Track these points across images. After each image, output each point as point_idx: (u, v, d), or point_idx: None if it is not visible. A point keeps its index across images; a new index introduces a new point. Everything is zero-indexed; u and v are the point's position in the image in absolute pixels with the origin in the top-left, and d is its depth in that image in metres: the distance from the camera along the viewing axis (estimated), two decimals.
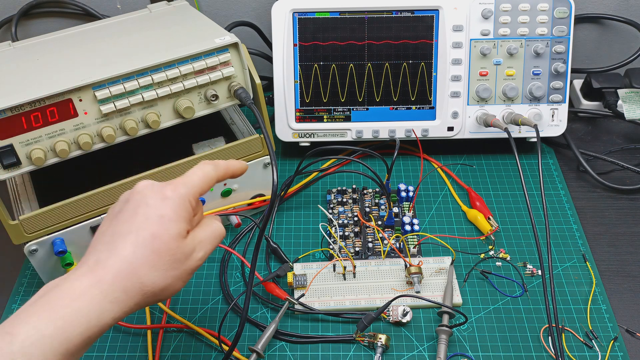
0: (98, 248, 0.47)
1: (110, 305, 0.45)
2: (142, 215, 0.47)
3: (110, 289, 0.45)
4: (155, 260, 0.46)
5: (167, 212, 0.48)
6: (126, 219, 0.48)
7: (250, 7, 0.99)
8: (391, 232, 0.79)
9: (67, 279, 0.45)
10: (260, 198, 0.80)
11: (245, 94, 0.70)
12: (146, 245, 0.46)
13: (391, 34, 0.84)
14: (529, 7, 0.83)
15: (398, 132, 0.87)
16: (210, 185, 0.53)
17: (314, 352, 0.66)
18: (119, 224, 0.48)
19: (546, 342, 0.66)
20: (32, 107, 0.61)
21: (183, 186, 0.50)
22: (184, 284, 0.49)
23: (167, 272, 0.47)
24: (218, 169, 0.54)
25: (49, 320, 0.42)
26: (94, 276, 0.45)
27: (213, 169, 0.53)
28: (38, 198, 0.72)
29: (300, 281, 0.71)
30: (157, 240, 0.47)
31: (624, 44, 1.02)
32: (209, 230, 0.52)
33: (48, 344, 0.41)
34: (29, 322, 0.42)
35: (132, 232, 0.47)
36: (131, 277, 0.45)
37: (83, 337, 0.43)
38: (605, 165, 0.89)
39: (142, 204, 0.48)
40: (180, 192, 0.49)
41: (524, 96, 0.86)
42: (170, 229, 0.47)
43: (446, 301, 0.68)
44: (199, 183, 0.51)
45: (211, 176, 0.53)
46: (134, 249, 0.46)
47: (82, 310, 0.43)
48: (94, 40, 0.76)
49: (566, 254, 0.76)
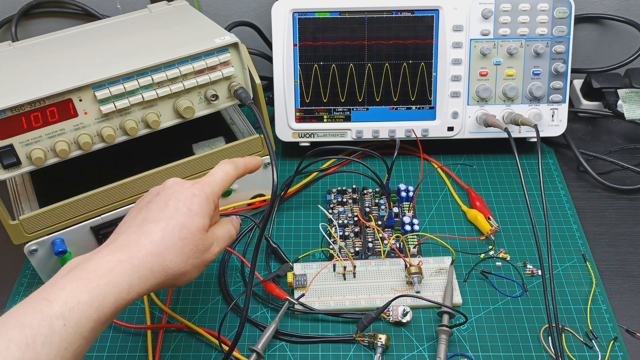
0: (129, 230, 0.52)
1: (138, 281, 0.49)
2: (173, 207, 0.53)
3: (141, 266, 0.49)
4: (181, 247, 0.51)
5: (194, 207, 0.53)
6: (157, 208, 0.53)
7: (250, 7, 0.99)
8: (391, 232, 0.79)
9: (98, 253, 0.49)
10: (260, 198, 0.80)
11: (245, 94, 0.70)
12: (174, 233, 0.51)
13: (391, 34, 0.84)
14: (529, 7, 0.83)
15: (398, 132, 0.87)
16: (231, 184, 0.58)
17: (314, 352, 0.66)
18: (150, 212, 0.53)
19: (546, 342, 0.66)
20: (32, 107, 0.61)
21: (208, 185, 0.56)
22: (199, 273, 0.54)
23: (189, 260, 0.52)
24: (238, 167, 0.59)
25: (85, 288, 0.46)
26: (125, 253, 0.49)
27: (233, 168, 0.59)
28: (38, 198, 0.72)
29: (300, 281, 0.71)
30: (184, 230, 0.52)
31: (624, 44, 1.02)
32: (225, 229, 0.58)
33: (84, 311, 0.45)
34: (66, 289, 0.45)
35: (162, 220, 0.52)
36: (158, 259, 0.50)
37: (114, 307, 0.47)
38: (605, 165, 0.89)
39: (173, 198, 0.53)
40: (206, 191, 0.55)
41: (524, 96, 0.86)
42: (196, 222, 0.53)
43: (446, 301, 0.68)
44: (221, 182, 0.57)
45: (231, 175, 0.58)
46: (164, 234, 0.51)
47: (115, 281, 0.47)
48: (94, 40, 0.76)
49: (566, 254, 0.76)
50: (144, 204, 0.55)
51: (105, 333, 0.69)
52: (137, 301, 0.71)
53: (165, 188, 0.56)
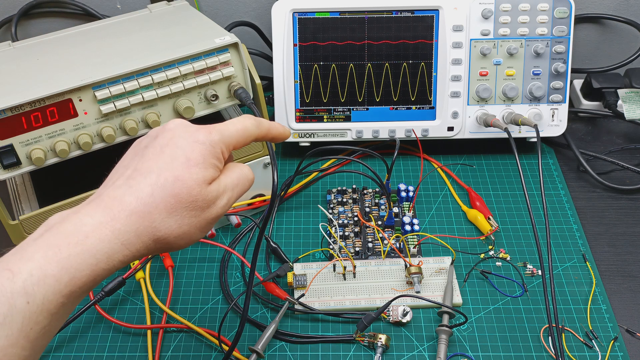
0: (117, 183, 0.44)
1: (121, 247, 0.42)
2: (168, 155, 0.45)
3: (123, 230, 0.42)
4: (174, 205, 0.43)
5: (195, 156, 0.45)
6: (151, 156, 0.45)
7: (250, 7, 0.99)
8: (391, 232, 0.79)
9: (78, 212, 0.42)
10: (260, 198, 0.80)
11: (245, 94, 0.70)
12: (166, 187, 0.43)
13: (391, 34, 0.84)
14: (529, 7, 0.83)
15: (398, 132, 0.87)
16: (248, 141, 0.50)
17: (314, 352, 0.66)
18: (144, 160, 0.45)
19: (546, 342, 0.66)
20: (32, 107, 0.61)
21: (217, 133, 0.47)
22: (203, 234, 0.47)
23: (184, 219, 0.44)
24: (261, 127, 0.51)
25: (54, 259, 0.39)
26: (107, 213, 0.42)
27: (255, 125, 0.50)
28: (38, 198, 0.72)
29: (300, 281, 0.71)
30: (178, 183, 0.43)
31: (624, 44, 1.02)
32: (235, 175, 0.48)
33: (51, 285, 0.38)
34: (33, 259, 0.39)
35: (154, 171, 0.44)
36: (145, 220, 0.42)
37: (89, 279, 0.40)
38: (605, 165, 0.89)
39: (171, 144, 0.45)
40: (213, 139, 0.46)
41: (524, 96, 0.86)
42: (195, 173, 0.44)
43: (446, 301, 0.68)
44: (236, 135, 0.48)
45: (251, 132, 0.49)
46: (153, 189, 0.43)
47: (90, 250, 0.40)
48: (94, 40, 0.76)
49: (566, 254, 0.76)
50: (140, 148, 0.47)
51: (105, 333, 0.69)
52: (137, 301, 0.71)
53: (166, 131, 0.47)
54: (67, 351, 0.67)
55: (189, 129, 0.46)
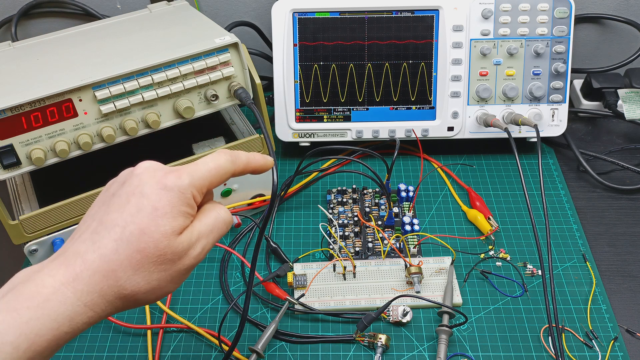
0: (82, 237, 0.41)
1: (84, 309, 0.39)
2: (134, 205, 0.41)
3: (86, 290, 0.39)
4: (140, 261, 0.40)
5: (162, 205, 0.41)
6: (116, 207, 0.42)
7: (250, 7, 0.99)
8: (391, 232, 0.79)
9: (40, 271, 0.40)
10: (260, 198, 0.80)
11: (245, 94, 0.70)
12: (131, 242, 0.40)
13: (391, 34, 0.84)
14: (529, 7, 0.83)
15: (398, 132, 0.87)
16: (224, 179, 0.46)
17: (314, 352, 0.66)
18: (109, 211, 0.42)
19: (546, 342, 0.66)
20: (32, 107, 0.61)
21: (187, 176, 0.43)
22: (177, 286, 0.43)
23: (152, 275, 0.41)
24: (237, 162, 0.46)
25: (12, 324, 0.37)
26: (69, 272, 0.39)
27: (230, 161, 0.46)
28: (38, 198, 0.72)
29: (300, 281, 0.71)
30: (144, 237, 0.40)
31: (624, 44, 1.02)
32: (210, 220, 0.45)
33: (9, 353, 0.36)
34: None
35: (118, 224, 0.41)
36: (109, 279, 0.40)
37: (50, 344, 0.38)
38: (605, 165, 0.89)
39: (137, 192, 0.42)
40: (183, 184, 0.42)
41: (524, 96, 0.86)
42: (162, 225, 0.41)
43: (446, 301, 0.68)
44: (209, 175, 0.44)
45: (226, 169, 0.46)
46: (117, 245, 0.40)
47: (51, 314, 0.38)
48: (94, 40, 0.76)
49: (566, 254, 0.76)
50: (108, 196, 0.44)
51: (105, 333, 0.69)
52: None
53: (133, 176, 0.43)
54: (67, 351, 0.67)
55: (157, 174, 0.43)
